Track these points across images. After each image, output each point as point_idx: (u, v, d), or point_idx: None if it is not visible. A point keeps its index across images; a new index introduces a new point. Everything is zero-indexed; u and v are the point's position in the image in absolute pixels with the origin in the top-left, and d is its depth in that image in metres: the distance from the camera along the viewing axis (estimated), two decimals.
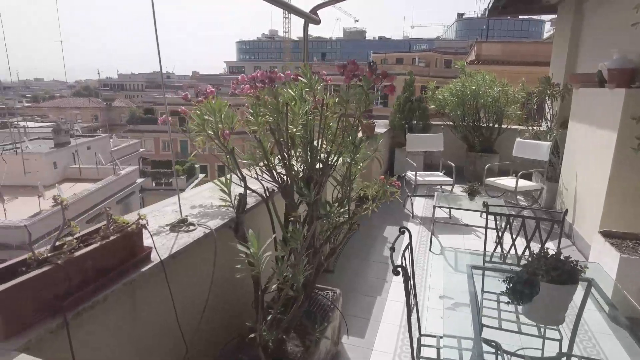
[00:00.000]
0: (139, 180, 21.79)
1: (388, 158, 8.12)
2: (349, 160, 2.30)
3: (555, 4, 6.75)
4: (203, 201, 2.58)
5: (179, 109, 2.49)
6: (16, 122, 25.70)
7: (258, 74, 2.17)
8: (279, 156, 2.21)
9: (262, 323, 1.81)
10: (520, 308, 2.03)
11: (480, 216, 5.51)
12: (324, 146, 2.23)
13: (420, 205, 6.18)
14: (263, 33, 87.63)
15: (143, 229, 1.70)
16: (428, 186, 6.26)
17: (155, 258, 1.72)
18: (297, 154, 2.23)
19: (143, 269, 1.64)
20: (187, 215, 2.20)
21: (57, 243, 1.41)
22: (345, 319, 3.03)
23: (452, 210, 5.62)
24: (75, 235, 1.50)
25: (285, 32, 70.76)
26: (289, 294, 1.71)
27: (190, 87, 45.28)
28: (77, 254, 1.38)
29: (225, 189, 1.89)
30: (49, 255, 1.34)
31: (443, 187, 6.07)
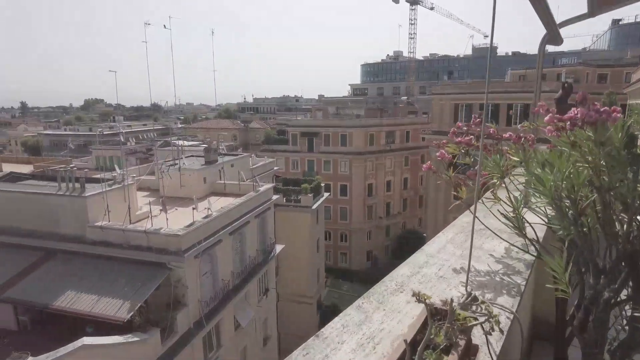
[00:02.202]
0: (274, 197, 23.02)
1: None
2: None
3: None
4: (461, 262, 2.13)
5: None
6: (175, 141, 29.58)
7: (578, 113, 1.65)
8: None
9: None
10: None
11: None
12: None
13: None
14: (387, 55, 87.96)
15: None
16: None
17: None
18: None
19: None
20: (472, 290, 1.76)
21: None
22: None
23: None
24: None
25: (410, 52, 70.04)
26: None
27: (318, 109, 47.26)
28: None
29: (560, 268, 1.40)
30: None
31: None
